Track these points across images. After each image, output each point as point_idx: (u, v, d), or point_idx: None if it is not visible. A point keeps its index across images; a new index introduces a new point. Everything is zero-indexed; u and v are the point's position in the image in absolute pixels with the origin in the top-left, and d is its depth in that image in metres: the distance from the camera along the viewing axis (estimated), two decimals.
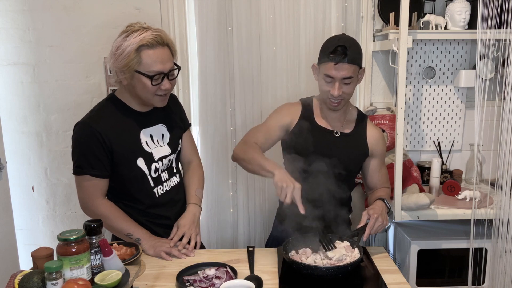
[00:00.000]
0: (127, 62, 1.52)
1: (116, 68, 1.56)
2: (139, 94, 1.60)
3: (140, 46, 1.51)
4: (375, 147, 1.83)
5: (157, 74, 1.55)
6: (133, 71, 1.54)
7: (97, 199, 1.63)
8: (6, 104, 2.49)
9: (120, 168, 1.63)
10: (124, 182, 1.66)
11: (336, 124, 1.81)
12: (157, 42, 1.53)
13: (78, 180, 1.63)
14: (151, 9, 2.38)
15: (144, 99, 1.62)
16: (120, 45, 1.53)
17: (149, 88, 1.56)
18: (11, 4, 2.38)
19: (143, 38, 1.51)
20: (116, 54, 1.54)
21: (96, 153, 1.58)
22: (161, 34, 1.56)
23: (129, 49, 1.51)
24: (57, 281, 1.12)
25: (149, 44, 1.52)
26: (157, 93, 1.60)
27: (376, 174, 1.87)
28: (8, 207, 2.33)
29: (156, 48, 1.54)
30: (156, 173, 1.70)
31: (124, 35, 1.55)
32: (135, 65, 1.52)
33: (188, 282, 1.43)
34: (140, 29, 1.54)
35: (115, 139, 1.60)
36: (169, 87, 1.61)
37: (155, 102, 1.63)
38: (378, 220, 1.65)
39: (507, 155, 1.96)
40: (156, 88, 1.58)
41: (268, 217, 2.50)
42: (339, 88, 1.67)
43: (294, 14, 2.35)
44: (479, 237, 2.04)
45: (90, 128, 1.57)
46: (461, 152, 2.57)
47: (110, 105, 1.66)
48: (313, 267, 1.47)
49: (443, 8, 2.34)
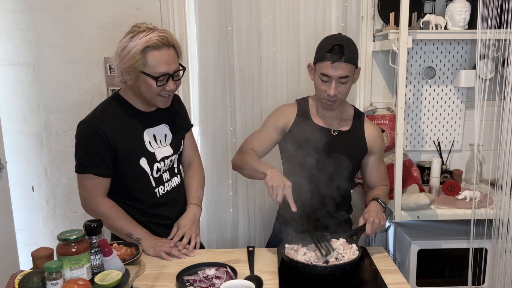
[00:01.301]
0: (133, 63, 1.52)
1: (122, 68, 1.56)
2: (144, 94, 1.60)
3: (146, 47, 1.51)
4: (373, 144, 1.84)
5: (162, 75, 1.55)
6: (139, 72, 1.54)
7: (99, 198, 1.63)
8: (6, 104, 2.49)
9: (122, 167, 1.63)
10: (126, 181, 1.66)
11: (333, 123, 1.81)
12: (162, 43, 1.53)
13: (80, 178, 1.63)
14: (151, 9, 2.38)
15: (148, 100, 1.63)
16: (126, 45, 1.53)
17: (154, 88, 1.57)
18: (11, 4, 2.38)
19: (149, 39, 1.51)
20: (121, 55, 1.54)
21: (99, 152, 1.58)
22: (167, 35, 1.56)
23: (135, 50, 1.51)
24: (57, 281, 1.12)
25: (154, 45, 1.52)
26: (160, 94, 1.60)
27: (375, 172, 1.87)
28: (8, 207, 2.33)
29: (162, 49, 1.54)
30: (158, 173, 1.71)
31: (130, 36, 1.54)
32: (140, 66, 1.52)
33: (188, 282, 1.43)
34: (146, 30, 1.54)
35: (118, 138, 1.60)
36: (174, 88, 1.62)
37: (158, 103, 1.64)
38: (374, 223, 1.65)
39: (507, 155, 1.96)
40: (161, 89, 1.58)
41: (268, 217, 2.50)
42: (335, 87, 1.67)
43: (294, 14, 2.35)
44: (479, 237, 2.04)
45: (94, 127, 1.57)
46: (461, 152, 2.57)
47: (114, 104, 1.66)
48: (311, 266, 1.47)
49: (443, 8, 2.34)
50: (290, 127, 1.80)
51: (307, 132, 1.77)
